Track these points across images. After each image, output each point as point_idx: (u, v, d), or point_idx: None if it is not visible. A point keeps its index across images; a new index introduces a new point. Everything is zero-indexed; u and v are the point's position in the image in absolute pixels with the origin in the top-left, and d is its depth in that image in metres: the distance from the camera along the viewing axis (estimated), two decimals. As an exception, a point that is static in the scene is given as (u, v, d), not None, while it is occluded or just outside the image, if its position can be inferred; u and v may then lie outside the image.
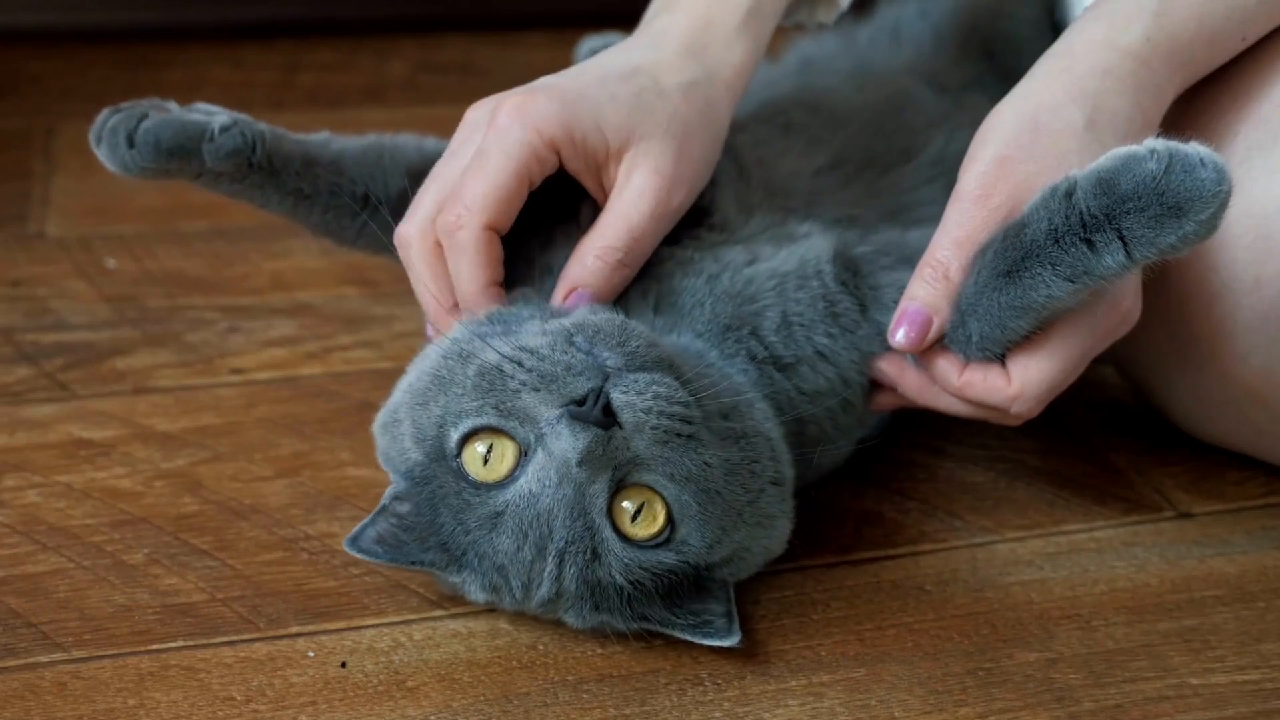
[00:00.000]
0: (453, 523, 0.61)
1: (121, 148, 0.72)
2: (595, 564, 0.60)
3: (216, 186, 0.75)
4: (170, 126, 0.72)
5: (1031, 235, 0.61)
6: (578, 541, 0.59)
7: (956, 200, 0.65)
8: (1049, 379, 0.64)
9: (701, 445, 0.60)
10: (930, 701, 0.63)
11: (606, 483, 0.59)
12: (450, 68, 1.33)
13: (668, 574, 0.61)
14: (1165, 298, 0.72)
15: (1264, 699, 0.64)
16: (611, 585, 0.60)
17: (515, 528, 0.60)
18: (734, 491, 0.62)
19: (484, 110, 0.68)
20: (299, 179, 0.74)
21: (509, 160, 0.65)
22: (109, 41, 1.33)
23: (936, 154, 0.82)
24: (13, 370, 0.85)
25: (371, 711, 0.61)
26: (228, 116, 0.73)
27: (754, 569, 0.66)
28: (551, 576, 0.60)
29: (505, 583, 0.61)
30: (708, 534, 0.61)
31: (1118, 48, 0.66)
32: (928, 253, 0.66)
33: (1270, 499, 0.77)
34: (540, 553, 0.60)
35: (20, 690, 0.61)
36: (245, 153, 0.73)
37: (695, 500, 0.60)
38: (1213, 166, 0.57)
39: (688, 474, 0.60)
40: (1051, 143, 0.64)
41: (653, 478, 0.60)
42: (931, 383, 0.68)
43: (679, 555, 0.61)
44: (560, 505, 0.59)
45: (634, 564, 0.60)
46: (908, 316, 0.65)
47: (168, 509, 0.73)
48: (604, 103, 0.67)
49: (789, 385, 0.68)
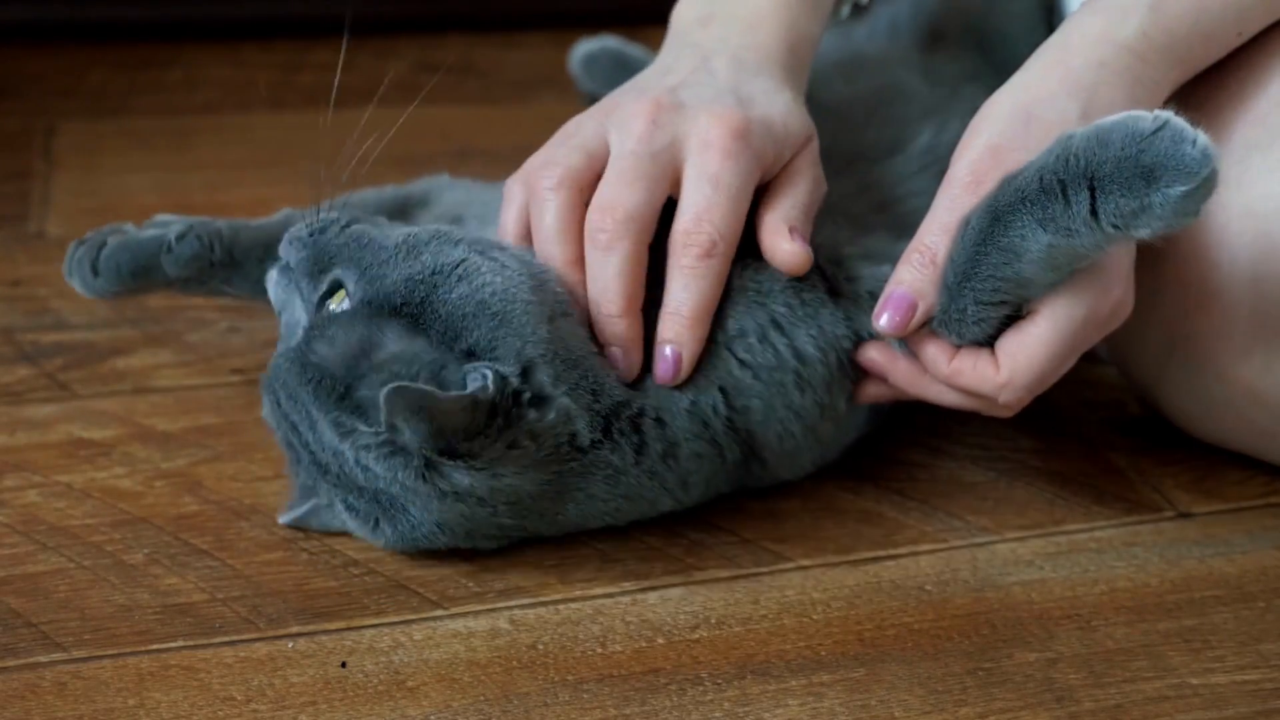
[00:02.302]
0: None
1: (89, 277, 0.78)
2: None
3: (188, 291, 0.81)
4: (128, 250, 0.78)
5: (1024, 175, 0.62)
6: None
7: (947, 186, 0.66)
8: (1038, 367, 0.65)
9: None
10: (930, 701, 0.63)
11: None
12: (450, 68, 1.33)
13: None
14: (1165, 297, 0.72)
15: (1264, 699, 0.64)
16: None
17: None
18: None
19: (658, 128, 0.68)
20: (262, 265, 0.77)
21: (745, 186, 0.67)
22: (109, 41, 1.33)
23: (927, 145, 0.82)
24: (13, 370, 0.85)
25: (371, 711, 0.61)
26: (183, 224, 0.79)
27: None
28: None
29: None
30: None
31: (1114, 41, 0.67)
32: (916, 238, 0.66)
33: (1270, 499, 0.77)
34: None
35: (20, 690, 0.61)
36: (204, 255, 0.78)
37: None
38: (1201, 148, 0.57)
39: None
40: (1044, 133, 0.64)
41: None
42: (922, 371, 0.68)
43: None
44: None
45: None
46: (893, 300, 0.66)
47: (168, 509, 0.73)
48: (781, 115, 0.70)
49: (730, 359, 0.68)
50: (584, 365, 0.66)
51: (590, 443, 0.66)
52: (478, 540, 0.68)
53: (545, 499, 0.66)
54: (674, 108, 0.68)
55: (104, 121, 1.19)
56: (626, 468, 0.67)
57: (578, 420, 0.65)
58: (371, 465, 0.64)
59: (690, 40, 0.74)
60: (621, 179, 0.67)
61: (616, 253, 0.66)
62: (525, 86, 1.30)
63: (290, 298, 0.69)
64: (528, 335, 0.64)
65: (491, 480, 0.64)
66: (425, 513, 0.65)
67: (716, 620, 0.67)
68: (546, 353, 0.64)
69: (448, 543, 0.67)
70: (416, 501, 0.65)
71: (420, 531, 0.66)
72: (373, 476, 0.64)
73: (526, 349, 0.64)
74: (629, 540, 0.72)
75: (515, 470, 0.64)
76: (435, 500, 0.64)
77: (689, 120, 0.68)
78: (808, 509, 0.75)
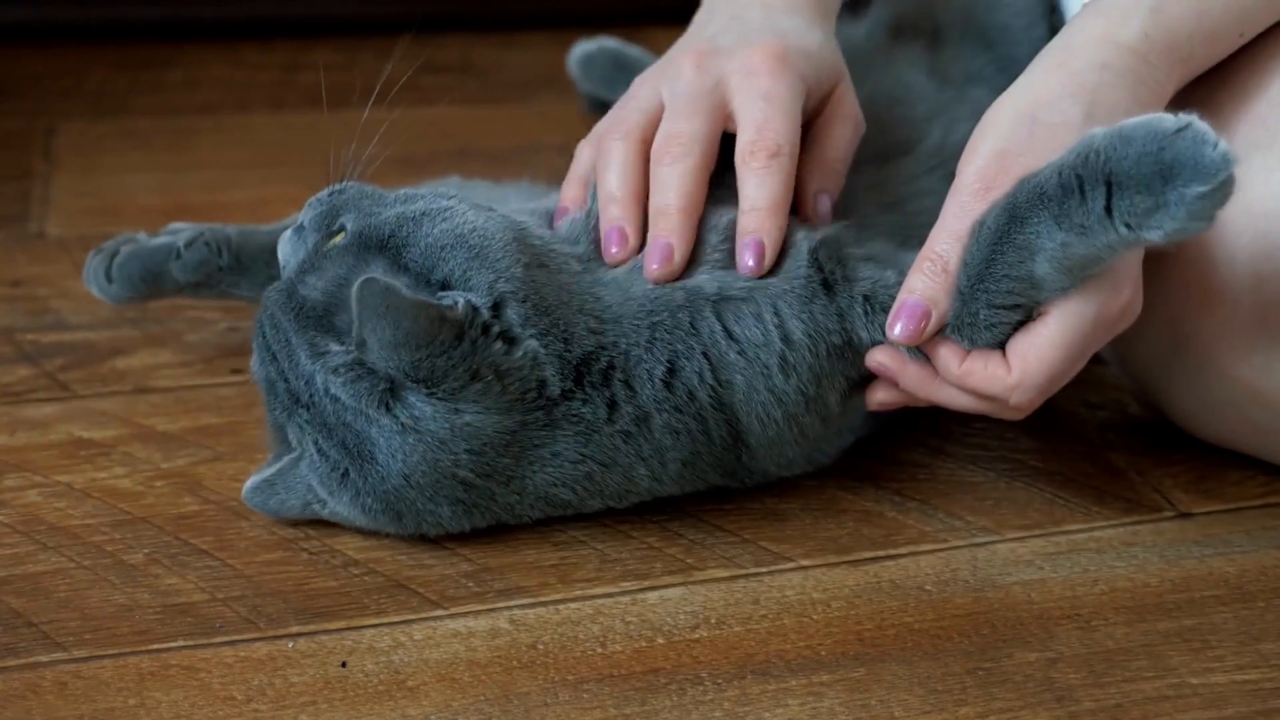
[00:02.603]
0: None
1: (105, 284, 0.83)
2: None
3: (199, 296, 0.85)
4: (139, 258, 0.82)
5: (1044, 173, 0.62)
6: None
7: (955, 194, 0.66)
8: (1049, 368, 0.64)
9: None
10: (930, 701, 0.63)
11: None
12: (450, 68, 1.33)
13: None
14: (1165, 297, 0.72)
15: (1264, 699, 0.64)
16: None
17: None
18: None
19: (703, 71, 0.73)
20: (270, 267, 0.80)
21: (795, 100, 0.71)
22: (109, 41, 1.33)
23: (935, 145, 0.83)
24: (13, 370, 0.85)
25: (371, 711, 0.61)
26: (192, 231, 0.83)
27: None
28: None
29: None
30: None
31: (1116, 43, 0.67)
32: (926, 245, 0.66)
33: (1270, 499, 0.77)
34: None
35: (21, 690, 0.61)
36: (212, 260, 0.82)
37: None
38: (1221, 152, 0.58)
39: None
40: (1050, 136, 0.64)
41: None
42: (933, 375, 0.68)
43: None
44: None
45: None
46: (906, 309, 0.65)
47: (168, 509, 0.73)
48: (817, 47, 0.74)
49: (716, 326, 0.68)
50: (557, 314, 0.66)
51: (560, 392, 0.66)
52: (445, 510, 0.67)
53: (509, 453, 0.66)
54: (714, 52, 0.73)
55: (104, 121, 1.19)
56: (598, 424, 0.67)
57: (546, 367, 0.65)
58: (338, 391, 0.65)
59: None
60: (678, 115, 0.71)
61: (682, 162, 0.70)
62: (525, 86, 1.30)
63: (297, 251, 0.70)
64: (502, 271, 0.65)
65: (452, 415, 0.64)
66: (390, 458, 0.65)
67: (716, 620, 0.67)
68: (519, 292, 0.65)
69: (416, 508, 0.67)
70: (380, 441, 0.65)
71: (390, 485, 0.66)
72: (340, 408, 0.65)
73: (499, 284, 0.65)
74: (629, 540, 0.72)
75: (477, 408, 0.64)
76: (398, 437, 0.64)
77: (731, 58, 0.72)
78: (808, 509, 0.75)
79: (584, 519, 0.72)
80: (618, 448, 0.68)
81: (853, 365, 0.71)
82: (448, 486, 0.66)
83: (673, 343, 0.68)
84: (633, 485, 0.70)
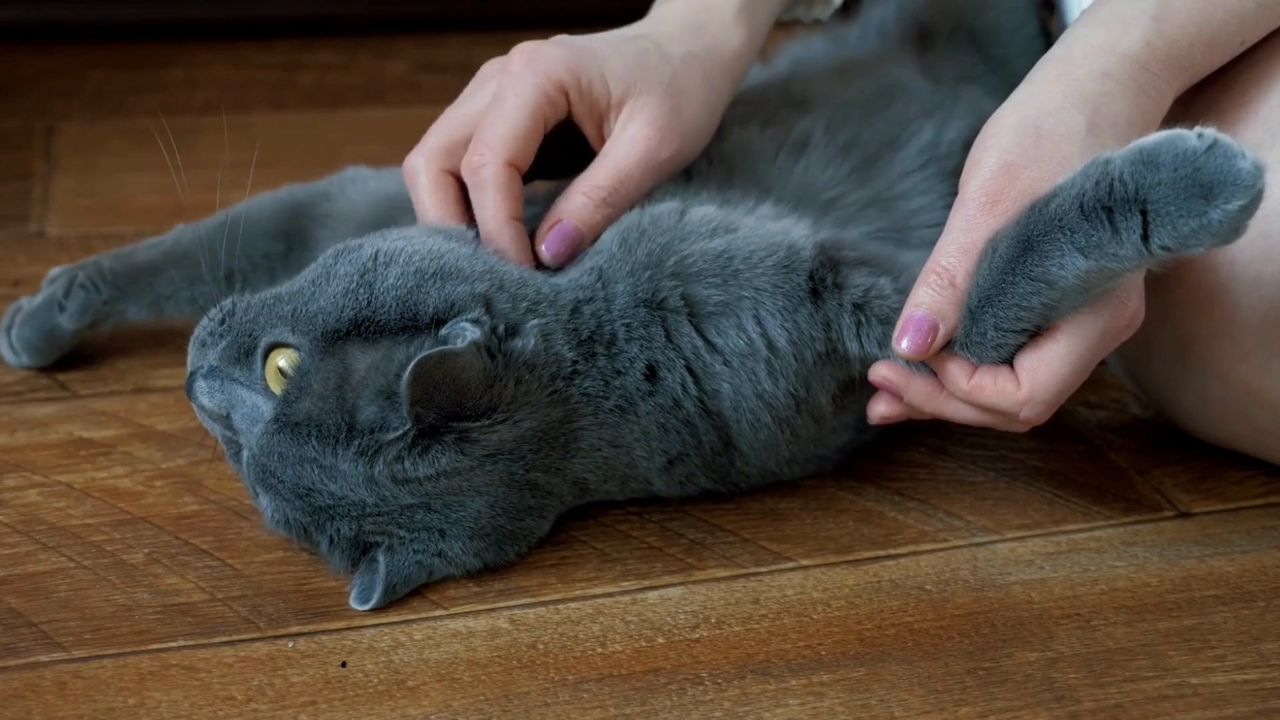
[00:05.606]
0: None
1: (15, 356, 0.83)
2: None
3: (99, 331, 0.84)
4: (30, 324, 0.83)
5: (1058, 203, 0.61)
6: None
7: (961, 207, 0.65)
8: (1059, 381, 0.64)
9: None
10: (930, 701, 0.63)
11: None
12: (450, 68, 1.33)
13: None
14: (1166, 297, 0.72)
15: (1264, 699, 0.64)
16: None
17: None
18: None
19: (495, 64, 0.74)
20: (152, 287, 0.82)
21: (524, 102, 0.70)
22: (109, 41, 1.33)
23: (926, 143, 0.82)
24: (13, 370, 0.85)
25: (371, 711, 0.61)
26: (66, 277, 0.83)
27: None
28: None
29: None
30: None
31: (1117, 52, 0.66)
32: (932, 259, 0.65)
33: (1270, 499, 0.77)
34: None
35: (21, 690, 0.61)
36: (93, 299, 0.82)
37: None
38: (1252, 162, 0.57)
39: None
40: (1054, 147, 0.64)
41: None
42: (939, 389, 0.67)
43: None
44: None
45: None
46: (913, 323, 0.65)
47: (168, 509, 0.73)
48: (610, 56, 0.72)
49: (698, 340, 0.68)
50: (528, 283, 0.67)
51: (571, 366, 0.67)
52: (530, 523, 0.68)
53: (557, 444, 0.67)
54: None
55: (104, 121, 1.19)
56: (602, 403, 0.68)
57: (555, 338, 0.66)
58: (410, 471, 0.63)
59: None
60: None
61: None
62: (525, 86, 1.30)
63: (230, 395, 0.66)
64: (468, 274, 0.65)
65: (514, 429, 0.64)
66: (475, 493, 0.65)
67: (716, 620, 0.67)
68: (493, 283, 0.66)
69: (503, 530, 0.67)
70: (464, 484, 0.65)
71: (482, 521, 0.66)
72: (416, 486, 0.64)
73: (477, 287, 0.65)
74: (629, 540, 0.72)
75: (529, 410, 0.65)
76: (478, 469, 0.64)
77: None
78: (808, 509, 0.75)
79: (584, 519, 0.72)
80: (620, 425, 0.69)
81: (842, 368, 0.71)
82: (522, 498, 0.67)
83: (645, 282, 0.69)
84: (635, 469, 0.70)
